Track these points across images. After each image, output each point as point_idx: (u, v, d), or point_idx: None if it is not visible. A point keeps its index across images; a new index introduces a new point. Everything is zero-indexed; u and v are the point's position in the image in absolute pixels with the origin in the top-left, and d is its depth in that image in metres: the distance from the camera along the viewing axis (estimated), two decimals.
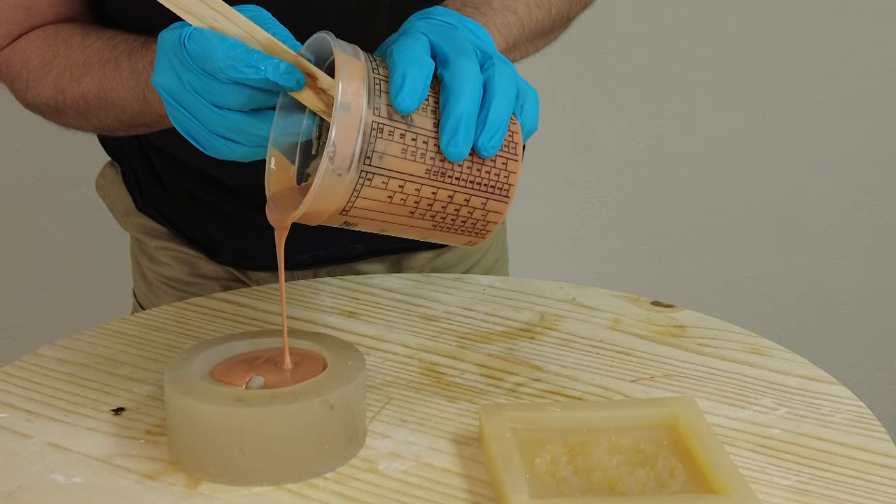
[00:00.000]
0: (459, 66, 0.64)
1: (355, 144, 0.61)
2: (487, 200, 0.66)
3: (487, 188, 0.65)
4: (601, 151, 1.82)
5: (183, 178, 1.00)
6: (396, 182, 0.63)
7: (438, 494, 0.65)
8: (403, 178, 0.63)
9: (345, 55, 0.62)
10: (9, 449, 0.70)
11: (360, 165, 0.61)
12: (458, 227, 0.66)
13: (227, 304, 0.91)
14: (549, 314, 0.89)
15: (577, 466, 0.65)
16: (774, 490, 0.65)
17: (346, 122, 0.61)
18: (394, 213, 0.64)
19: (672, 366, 0.81)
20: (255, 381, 0.68)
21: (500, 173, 0.66)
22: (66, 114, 0.88)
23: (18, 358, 0.81)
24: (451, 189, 0.64)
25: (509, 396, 0.77)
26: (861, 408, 0.75)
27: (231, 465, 0.65)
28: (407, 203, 0.64)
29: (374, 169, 0.62)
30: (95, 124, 0.88)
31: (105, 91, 0.84)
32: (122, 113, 0.84)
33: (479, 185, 0.65)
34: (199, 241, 1.04)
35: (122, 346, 0.83)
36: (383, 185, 0.62)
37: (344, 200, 0.62)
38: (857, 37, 1.76)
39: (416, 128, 0.63)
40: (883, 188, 1.83)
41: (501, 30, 0.81)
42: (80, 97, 0.85)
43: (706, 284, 1.88)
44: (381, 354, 0.82)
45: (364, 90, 0.61)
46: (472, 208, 0.66)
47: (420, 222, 0.65)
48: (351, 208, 0.63)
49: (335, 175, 0.61)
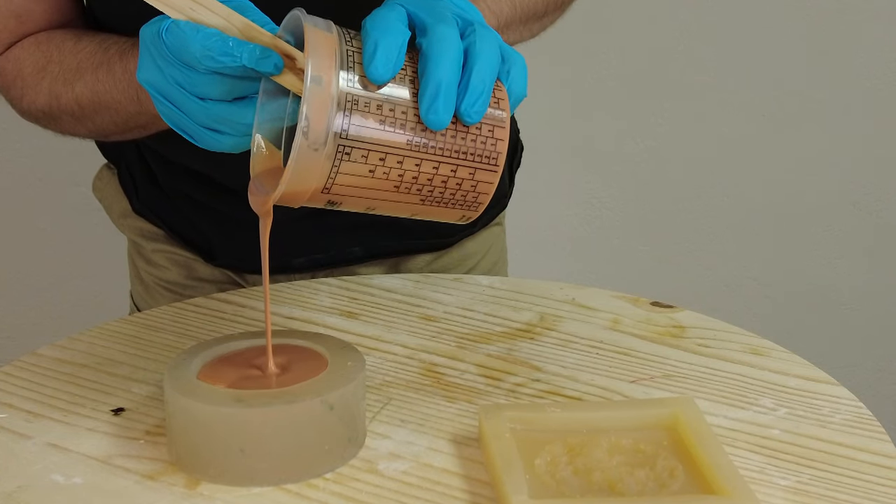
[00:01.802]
0: (438, 32, 0.62)
1: (329, 117, 0.59)
2: (475, 170, 0.64)
3: (474, 157, 0.63)
4: (601, 152, 1.82)
5: (179, 180, 1.00)
6: (376, 155, 0.61)
7: (438, 495, 0.65)
8: (384, 151, 0.61)
9: (315, 29, 0.61)
10: (8, 449, 0.70)
11: (337, 140, 0.60)
12: (448, 200, 0.65)
13: (227, 304, 0.91)
14: (549, 314, 0.89)
15: (577, 467, 0.65)
16: (774, 490, 0.65)
17: (318, 95, 0.59)
18: (378, 189, 0.62)
19: (672, 366, 0.81)
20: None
21: (487, 141, 0.64)
22: (61, 120, 0.88)
23: (18, 358, 0.81)
24: (434, 160, 0.62)
25: (509, 397, 0.77)
26: (861, 408, 0.75)
27: (231, 466, 0.65)
28: (390, 177, 0.62)
29: (351, 143, 0.60)
30: (91, 129, 0.88)
31: (99, 94, 0.83)
32: (117, 116, 0.84)
33: (465, 154, 0.63)
34: (195, 244, 1.03)
35: (121, 347, 0.83)
36: (363, 160, 0.61)
37: (323, 178, 0.61)
38: (857, 37, 1.76)
39: (395, 98, 0.61)
40: (883, 188, 1.83)
41: (493, 8, 0.80)
42: (75, 102, 0.85)
43: (706, 284, 1.88)
44: (380, 355, 0.82)
45: (336, 62, 0.60)
46: (461, 179, 0.64)
47: (407, 197, 0.64)
48: (332, 186, 0.62)
49: (311, 151, 0.59)
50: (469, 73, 0.62)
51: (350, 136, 0.60)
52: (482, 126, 0.63)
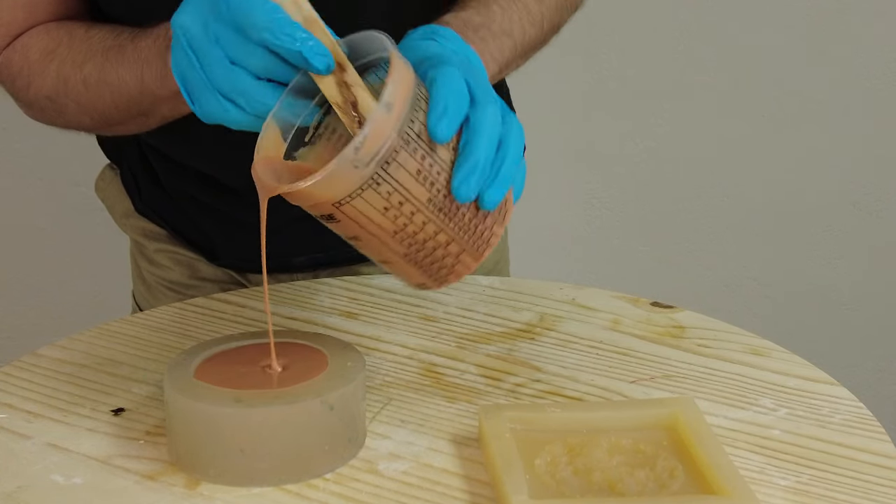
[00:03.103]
0: (486, 111, 0.64)
1: (383, 144, 0.60)
2: (462, 252, 0.66)
3: (469, 240, 0.65)
4: (601, 152, 1.82)
5: (182, 180, 1.00)
6: (398, 197, 0.62)
7: (438, 495, 0.65)
8: (406, 197, 0.62)
9: (402, 61, 0.62)
10: (8, 449, 0.70)
11: (377, 167, 0.61)
12: (425, 265, 0.66)
13: (227, 304, 0.91)
14: (549, 315, 0.89)
15: (577, 467, 0.65)
16: (774, 491, 0.65)
17: (383, 121, 0.60)
18: (379, 227, 0.64)
19: (671, 366, 0.81)
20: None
21: (486, 232, 0.66)
22: (66, 108, 0.87)
23: (18, 358, 0.81)
24: (440, 226, 0.64)
25: (509, 397, 0.77)
26: (861, 408, 0.75)
27: (231, 466, 0.65)
28: (396, 222, 0.63)
29: (386, 176, 0.61)
30: (93, 115, 0.87)
31: (106, 73, 0.82)
32: (119, 95, 0.83)
33: (465, 233, 0.65)
34: (198, 244, 1.03)
35: (121, 347, 0.83)
36: (386, 196, 0.62)
37: (345, 193, 0.62)
38: (857, 37, 1.76)
39: (437, 156, 0.63)
40: (883, 188, 1.83)
41: (496, 55, 0.81)
42: (82, 83, 0.84)
43: (706, 285, 1.88)
44: (380, 355, 0.82)
45: (409, 99, 0.61)
46: (447, 253, 0.65)
47: (396, 246, 0.65)
48: (345, 204, 0.62)
49: (352, 166, 0.60)
50: (501, 162, 0.64)
51: (388, 171, 0.61)
52: (489, 216, 0.66)
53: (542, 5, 0.87)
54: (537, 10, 0.87)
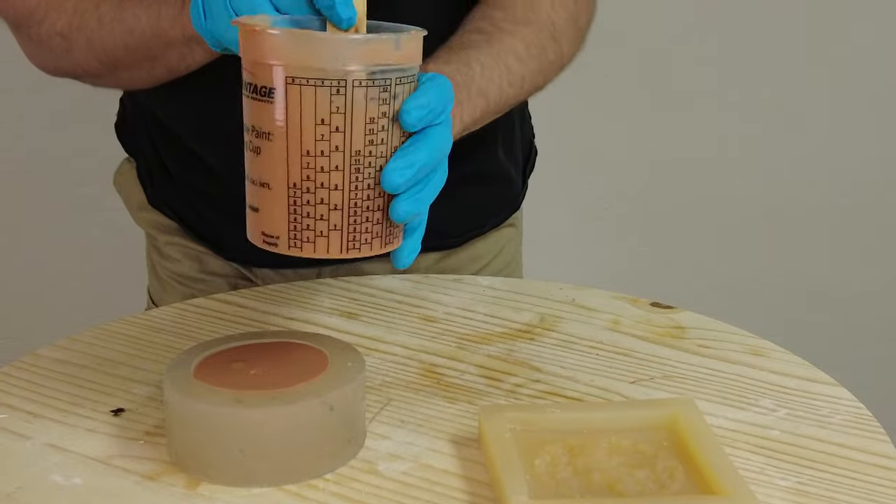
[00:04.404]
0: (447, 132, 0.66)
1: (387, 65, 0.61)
2: (336, 230, 0.64)
3: (351, 226, 0.64)
4: (601, 152, 1.82)
5: (191, 171, 1.00)
6: (339, 120, 0.61)
7: (438, 495, 0.65)
8: (344, 129, 0.62)
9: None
10: (8, 450, 0.70)
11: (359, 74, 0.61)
12: (297, 214, 0.64)
13: (227, 304, 0.91)
14: (549, 315, 0.89)
15: (577, 467, 0.65)
16: (774, 491, 0.65)
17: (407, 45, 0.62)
18: (299, 133, 0.62)
19: (671, 367, 0.81)
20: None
21: (368, 235, 0.64)
22: (76, 45, 0.87)
23: (18, 358, 0.81)
24: (342, 186, 0.63)
25: (509, 397, 0.77)
26: (860, 409, 0.75)
27: (230, 466, 0.65)
28: (314, 143, 0.62)
29: (349, 91, 0.61)
30: (101, 56, 0.86)
31: (122, 10, 0.83)
32: (132, 36, 0.83)
33: (354, 216, 0.64)
34: (205, 237, 1.04)
35: (121, 347, 0.83)
36: (333, 108, 0.61)
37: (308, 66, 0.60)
38: (857, 37, 1.76)
39: (392, 132, 0.63)
40: (883, 188, 1.83)
41: (465, 117, 0.81)
42: (97, 19, 0.84)
43: (706, 285, 1.88)
44: (380, 355, 0.82)
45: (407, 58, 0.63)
46: (325, 218, 0.63)
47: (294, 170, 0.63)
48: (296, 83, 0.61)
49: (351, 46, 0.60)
50: (427, 183, 0.65)
51: (351, 91, 0.61)
52: (379, 225, 0.65)
53: (524, 66, 0.87)
54: (518, 70, 0.87)
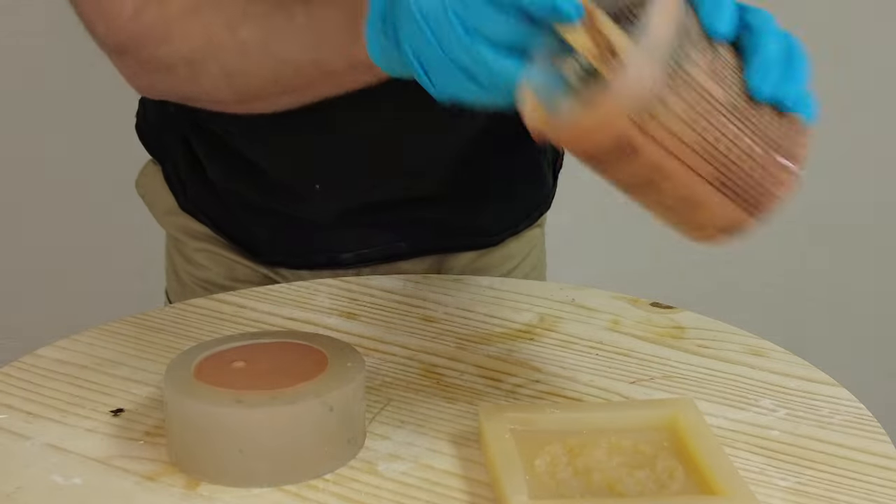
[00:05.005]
0: (764, 15, 0.61)
1: (670, 31, 0.56)
2: (771, 159, 0.59)
3: (773, 146, 0.59)
4: None
5: (230, 172, 0.99)
6: (696, 95, 0.57)
7: (438, 496, 0.65)
8: (703, 95, 0.57)
9: None
10: (7, 450, 0.70)
11: (672, 57, 0.56)
12: (732, 184, 0.59)
13: (227, 304, 0.91)
14: (549, 315, 0.89)
15: (577, 468, 0.65)
16: (774, 491, 0.65)
17: (665, 6, 0.56)
18: (681, 141, 0.57)
19: (671, 367, 0.81)
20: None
21: (789, 136, 0.60)
22: (206, 71, 0.80)
23: (17, 359, 0.81)
24: (740, 128, 0.58)
25: (509, 398, 0.77)
26: (861, 409, 0.75)
27: (230, 467, 0.65)
28: (697, 128, 0.57)
29: (680, 71, 0.56)
30: (240, 86, 0.81)
31: (270, 43, 0.77)
32: (284, 68, 0.78)
33: (767, 139, 0.59)
34: (240, 241, 1.03)
35: (121, 347, 0.83)
36: (684, 94, 0.56)
37: (641, 97, 0.56)
38: (857, 37, 1.76)
39: (722, 58, 0.58)
40: (883, 188, 1.83)
41: None
42: (236, 49, 0.78)
43: (706, 285, 1.88)
44: (380, 356, 0.82)
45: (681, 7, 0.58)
46: (754, 163, 0.59)
47: (703, 166, 0.58)
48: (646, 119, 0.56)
49: (646, 51, 0.55)
50: (791, 60, 0.60)
51: (681, 65, 0.56)
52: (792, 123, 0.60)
53: None
54: None
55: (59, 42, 1.66)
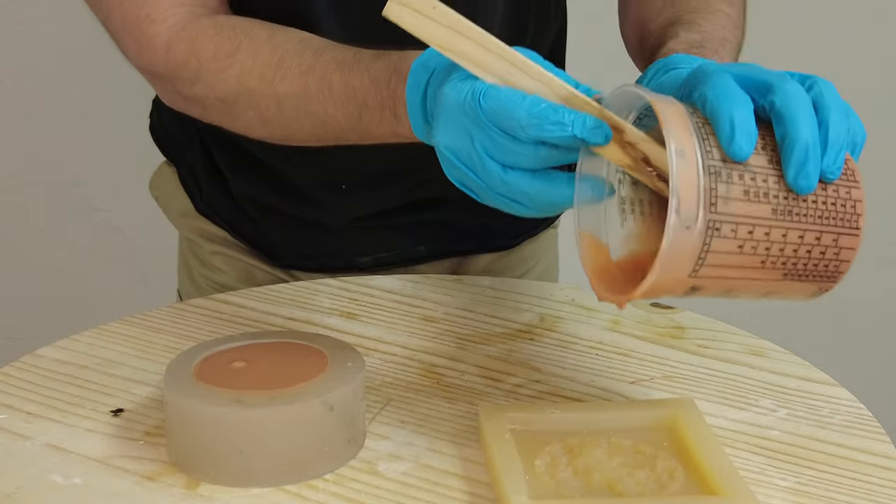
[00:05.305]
0: (786, 91, 0.59)
1: (698, 191, 0.57)
2: (838, 236, 0.60)
3: (836, 222, 0.60)
4: None
5: (248, 176, 0.99)
6: (745, 228, 0.58)
7: (438, 496, 0.65)
8: (751, 223, 0.58)
9: (665, 103, 0.59)
10: (8, 450, 0.70)
11: (707, 214, 0.57)
12: (810, 272, 0.61)
13: (227, 304, 0.91)
14: (549, 315, 0.89)
15: (577, 468, 0.65)
16: (774, 491, 0.65)
17: (685, 170, 0.57)
18: (744, 267, 0.59)
19: (671, 367, 0.81)
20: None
21: (847, 203, 0.61)
22: (242, 115, 0.81)
23: (17, 359, 0.81)
24: (800, 227, 0.59)
25: (509, 398, 0.77)
26: (861, 409, 0.75)
27: (230, 467, 0.65)
28: (758, 251, 0.59)
29: (720, 216, 0.57)
30: (277, 133, 0.81)
31: (308, 102, 0.77)
32: (324, 128, 0.78)
33: (828, 219, 0.60)
34: (257, 244, 1.03)
35: (121, 348, 0.83)
36: (732, 234, 0.58)
37: (693, 259, 0.58)
38: (857, 37, 1.76)
39: (753, 167, 0.58)
40: (883, 188, 1.83)
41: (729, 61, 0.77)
42: (274, 102, 0.78)
43: None
44: (380, 356, 0.82)
45: (693, 134, 0.58)
46: (824, 247, 0.60)
47: (770, 274, 0.60)
48: (701, 267, 0.58)
49: (683, 228, 0.56)
50: (826, 129, 0.59)
51: (718, 211, 0.57)
52: (839, 187, 0.60)
53: (734, 8, 0.84)
54: (734, 13, 0.84)
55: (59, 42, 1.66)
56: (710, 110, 0.59)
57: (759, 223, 0.58)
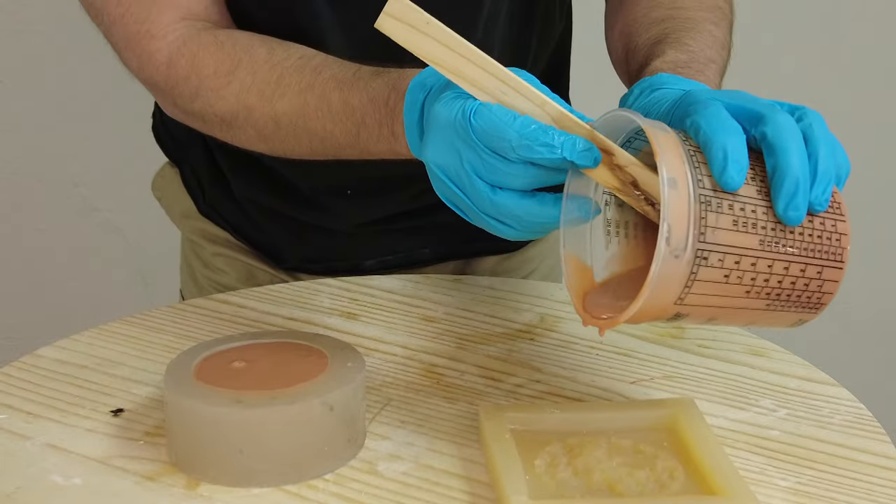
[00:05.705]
0: (777, 122, 0.60)
1: (689, 221, 0.57)
2: (823, 268, 0.61)
3: (821, 254, 0.61)
4: None
5: (250, 179, 0.99)
6: (732, 258, 0.58)
7: (438, 496, 0.65)
8: (738, 253, 0.59)
9: (658, 131, 0.59)
10: (8, 450, 0.70)
11: (696, 243, 0.57)
12: (793, 302, 0.62)
13: (227, 304, 0.91)
14: (549, 315, 0.89)
15: (577, 468, 0.65)
16: (774, 492, 0.65)
17: (676, 199, 0.57)
18: (728, 296, 0.60)
19: (672, 367, 0.81)
20: None
21: (832, 237, 0.61)
22: (242, 131, 0.81)
23: (17, 359, 0.81)
24: (786, 259, 0.60)
25: (509, 398, 0.77)
26: (861, 409, 0.75)
27: (230, 467, 0.65)
28: (743, 281, 0.59)
29: (708, 246, 0.58)
30: (277, 149, 0.82)
31: (307, 120, 0.77)
32: (322, 144, 0.78)
33: (813, 251, 0.60)
34: (260, 247, 1.03)
35: (121, 348, 0.83)
36: (719, 264, 0.58)
37: (680, 287, 0.58)
38: (857, 37, 1.76)
39: (742, 197, 0.59)
40: (883, 188, 1.83)
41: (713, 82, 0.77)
42: (272, 119, 0.79)
43: None
44: (380, 356, 0.82)
45: (685, 162, 0.58)
46: (808, 279, 0.61)
47: (753, 303, 0.61)
48: (686, 295, 0.59)
49: (672, 257, 0.57)
50: (815, 161, 0.60)
51: (707, 240, 0.58)
52: (825, 220, 0.61)
53: (720, 28, 0.85)
54: (720, 34, 0.84)
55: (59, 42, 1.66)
56: (704, 139, 0.59)
57: (747, 253, 0.59)
